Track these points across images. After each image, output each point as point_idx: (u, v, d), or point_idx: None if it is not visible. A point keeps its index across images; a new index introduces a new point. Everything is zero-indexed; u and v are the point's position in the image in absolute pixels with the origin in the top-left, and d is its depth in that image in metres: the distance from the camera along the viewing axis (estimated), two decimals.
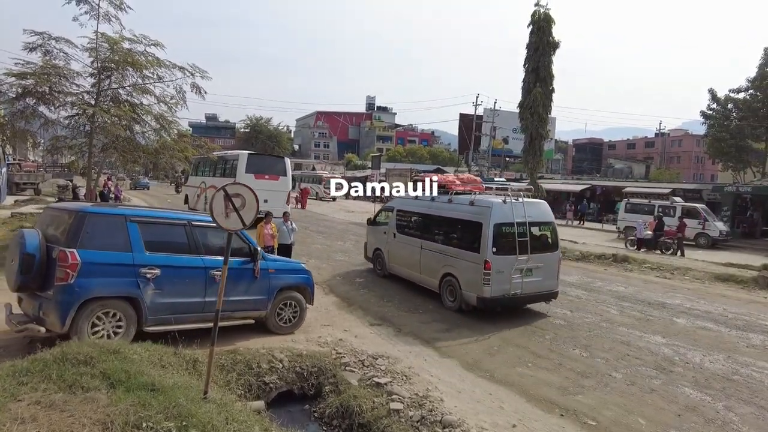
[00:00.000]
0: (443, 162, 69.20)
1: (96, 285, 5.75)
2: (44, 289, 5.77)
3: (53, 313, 5.55)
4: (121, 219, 6.13)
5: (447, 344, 7.73)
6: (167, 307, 6.26)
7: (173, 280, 6.29)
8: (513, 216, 8.80)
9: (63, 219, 6.06)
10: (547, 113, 20.33)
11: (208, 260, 6.60)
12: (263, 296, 7.20)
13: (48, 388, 3.98)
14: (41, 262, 5.66)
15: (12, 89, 10.65)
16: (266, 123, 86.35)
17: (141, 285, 6.01)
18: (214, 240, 6.76)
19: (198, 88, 11.23)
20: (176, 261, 6.38)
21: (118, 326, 5.95)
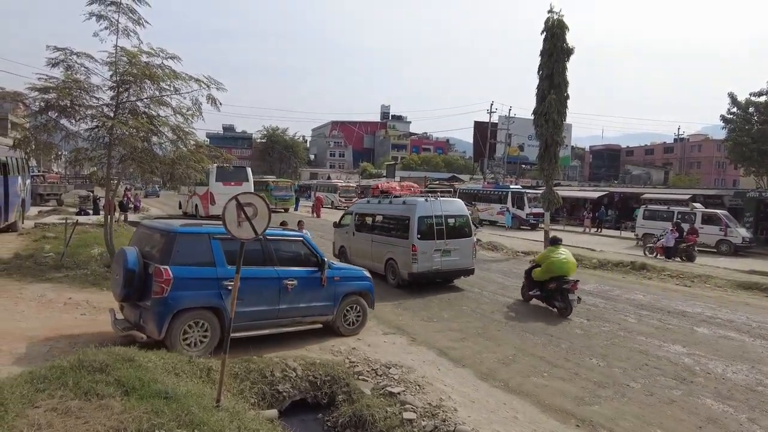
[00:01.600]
0: (458, 170, 69.04)
1: (186, 297, 6.38)
2: (143, 300, 6.46)
3: (151, 322, 6.25)
4: (206, 237, 6.76)
5: (461, 354, 7.66)
6: (246, 315, 6.79)
7: (251, 291, 6.81)
8: (432, 211, 11.49)
9: (155, 238, 6.78)
10: (562, 120, 20.08)
11: (281, 271, 7.26)
12: (330, 302, 7.81)
13: (64, 395, 4.05)
14: (140, 276, 6.38)
15: (35, 103, 10.96)
16: (282, 133, 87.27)
17: (224, 296, 6.54)
18: (286, 252, 7.55)
19: (213, 100, 11.40)
20: (254, 273, 6.92)
21: (204, 334, 6.57)
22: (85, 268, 11.19)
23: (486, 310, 10.25)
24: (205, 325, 6.56)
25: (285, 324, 7.40)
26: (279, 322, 7.27)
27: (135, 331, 6.47)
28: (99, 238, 14.60)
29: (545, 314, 10.11)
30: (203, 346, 6.53)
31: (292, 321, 7.48)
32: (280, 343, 7.38)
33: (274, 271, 7.21)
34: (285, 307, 7.24)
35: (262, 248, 7.17)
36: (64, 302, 8.89)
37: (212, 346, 6.54)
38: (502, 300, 11.26)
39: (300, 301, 7.40)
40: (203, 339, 6.57)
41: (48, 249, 13.22)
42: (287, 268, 7.35)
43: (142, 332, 6.36)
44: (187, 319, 6.42)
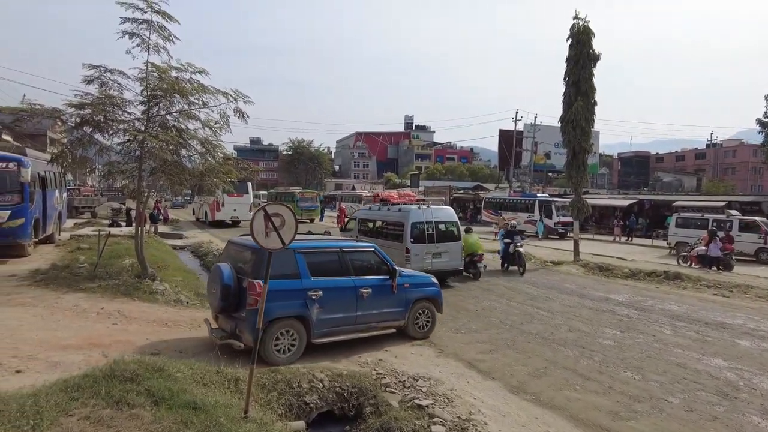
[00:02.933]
0: (483, 179, 68.50)
1: (277, 308, 6.87)
2: (237, 311, 6.95)
3: (247, 331, 6.71)
4: (291, 252, 7.15)
5: (491, 366, 7.49)
6: (328, 322, 7.37)
7: (332, 300, 7.39)
8: (424, 217, 12.81)
9: (246, 254, 7.32)
10: (590, 127, 19.72)
11: (357, 280, 7.77)
12: (401, 308, 8.27)
13: (97, 403, 4.10)
14: (234, 290, 6.89)
15: (72, 119, 11.33)
16: (308, 145, 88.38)
17: (309, 305, 7.15)
18: (360, 261, 8.05)
19: (241, 113, 11.57)
20: (333, 283, 7.50)
21: (293, 342, 7.07)
22: (117, 279, 11.44)
23: (515, 322, 10.04)
24: (294, 333, 7.08)
25: (361, 330, 7.87)
26: (356, 328, 7.78)
27: (232, 339, 6.93)
28: (130, 249, 14.93)
29: (577, 325, 9.85)
30: (292, 352, 7.05)
31: (367, 327, 7.95)
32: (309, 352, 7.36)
33: (351, 280, 7.72)
34: (361, 313, 7.76)
35: (339, 259, 7.78)
36: (97, 312, 9.08)
37: (300, 352, 7.09)
38: (531, 311, 11.03)
39: (374, 307, 7.89)
40: (292, 346, 7.07)
41: (82, 260, 13.59)
42: (362, 277, 7.86)
43: (239, 341, 6.84)
44: (279, 328, 6.93)
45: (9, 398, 4.06)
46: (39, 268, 12.45)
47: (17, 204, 13.42)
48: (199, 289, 13.17)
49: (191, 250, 22.21)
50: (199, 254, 20.85)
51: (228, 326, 7.19)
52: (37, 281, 11.04)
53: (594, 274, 16.80)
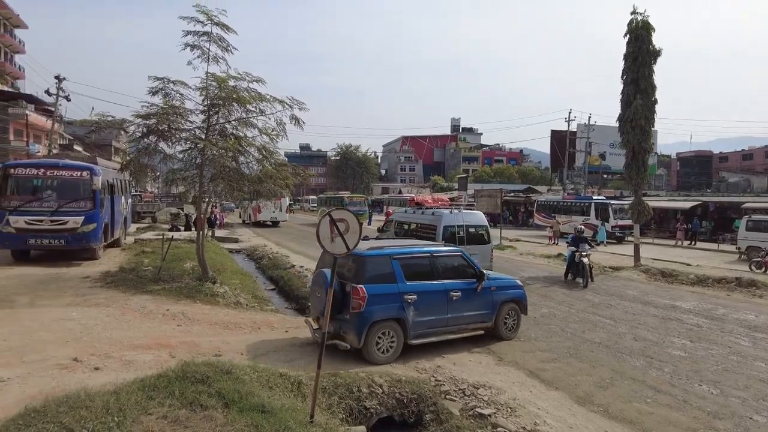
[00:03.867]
0: (534, 181, 66.83)
1: (378, 311, 7.25)
2: (341, 313, 7.34)
3: (352, 333, 7.17)
4: (388, 258, 7.67)
5: (553, 375, 7.25)
6: (423, 324, 7.69)
7: (425, 302, 7.69)
8: (455, 221, 13.24)
9: (346, 260, 7.51)
10: (650, 126, 18.82)
11: (447, 284, 8.04)
12: (489, 310, 8.52)
13: (172, 404, 4.25)
14: (338, 294, 7.22)
15: (139, 129, 11.95)
16: (355, 150, 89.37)
17: (405, 308, 7.48)
18: (450, 266, 8.33)
19: (296, 120, 11.83)
20: (426, 287, 7.79)
21: (391, 342, 7.40)
22: (180, 282, 11.92)
23: (576, 330, 9.69)
24: (392, 334, 7.41)
25: (453, 331, 8.16)
26: (448, 330, 8.08)
27: (337, 340, 7.29)
28: (190, 253, 15.54)
29: (643, 334, 9.39)
30: (391, 353, 7.38)
31: (458, 328, 8.23)
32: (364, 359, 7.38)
33: (442, 284, 8.00)
34: (451, 316, 8.03)
35: (429, 263, 8.10)
36: (163, 314, 9.48)
37: (398, 352, 7.44)
38: (593, 319, 10.61)
39: (463, 310, 8.16)
40: (391, 347, 7.40)
41: (146, 263, 14.26)
42: (451, 281, 8.12)
43: (344, 341, 7.25)
44: (379, 329, 7.28)
45: (94, 395, 4.29)
46: (109, 270, 13.16)
47: (89, 210, 14.25)
48: (257, 291, 13.55)
49: (246, 253, 22.88)
50: (254, 257, 21.44)
51: (332, 328, 7.49)
52: (107, 283, 11.66)
53: (657, 280, 15.99)
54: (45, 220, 13.80)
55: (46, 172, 14.39)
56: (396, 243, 8.85)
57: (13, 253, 14.36)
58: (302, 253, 21.02)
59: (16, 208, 13.77)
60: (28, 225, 13.66)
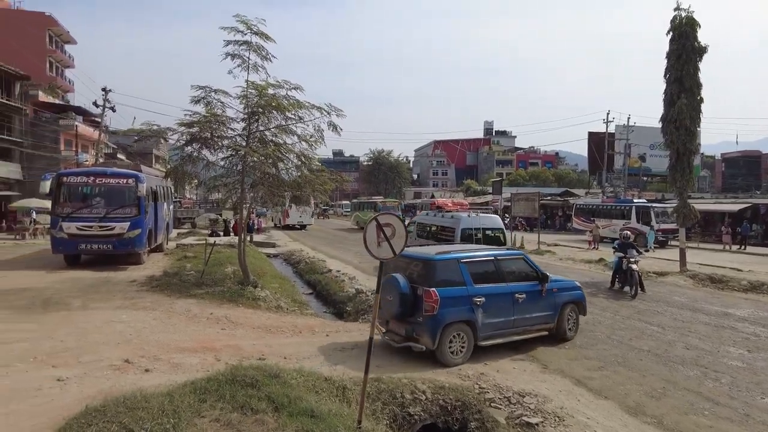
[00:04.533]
0: (571, 184, 65.39)
1: (450, 314, 7.40)
2: (413, 316, 7.51)
3: (426, 335, 7.33)
4: (456, 261, 7.85)
5: (601, 384, 7.01)
6: (491, 326, 7.86)
7: (493, 305, 7.86)
8: (472, 224, 14.02)
9: (416, 265, 7.90)
10: (696, 126, 18.10)
11: (512, 286, 8.22)
12: (551, 312, 8.67)
13: (224, 407, 4.32)
14: (410, 297, 7.48)
15: (182, 137, 12.31)
16: (387, 155, 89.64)
17: (474, 310, 7.64)
18: (513, 269, 8.50)
19: (334, 126, 11.96)
20: (493, 289, 7.96)
21: (462, 344, 7.56)
22: (222, 286, 12.17)
23: (623, 337, 9.37)
24: (463, 336, 7.55)
25: (518, 332, 8.27)
26: (514, 331, 8.21)
27: (411, 342, 7.48)
28: (231, 257, 15.89)
29: (694, 342, 9.00)
30: (462, 354, 7.54)
31: (523, 330, 8.35)
32: (407, 362, 7.34)
33: (507, 286, 8.16)
34: (517, 317, 8.17)
35: (494, 267, 8.27)
36: (207, 317, 9.70)
37: (469, 354, 7.59)
38: (639, 326, 10.24)
39: (528, 311, 8.29)
40: (462, 349, 7.55)
41: (189, 267, 14.63)
42: (516, 283, 8.28)
43: (417, 343, 7.41)
44: (451, 331, 7.43)
45: (150, 396, 4.41)
46: (153, 274, 13.58)
47: (135, 216, 14.77)
48: (296, 295, 13.72)
49: (284, 257, 23.22)
50: (291, 262, 21.73)
51: (402, 330, 7.73)
52: (153, 287, 12.02)
53: (705, 286, 15.32)
54: (94, 225, 14.38)
55: (95, 179, 15.00)
56: (460, 247, 9.08)
57: (66, 257, 15.00)
58: (338, 258, 21.16)
59: (69, 214, 14.40)
60: (79, 231, 14.26)
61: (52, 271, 13.95)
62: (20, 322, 8.69)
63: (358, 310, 11.88)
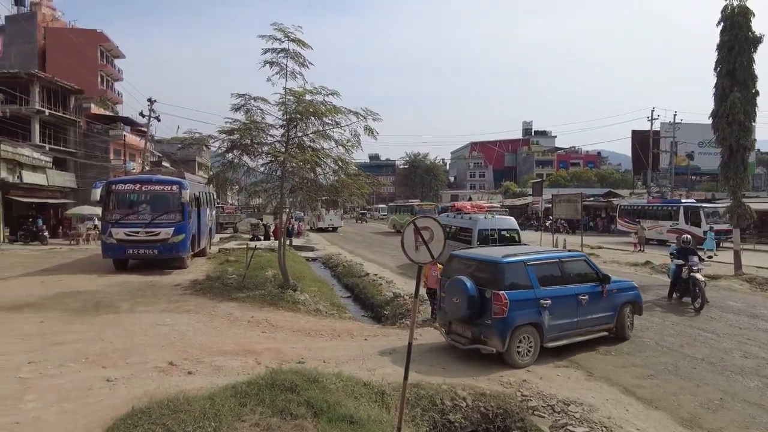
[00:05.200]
0: (613, 184, 63.21)
1: (519, 316, 7.46)
2: (479, 318, 7.57)
3: (495, 337, 7.40)
4: (523, 264, 7.93)
5: (652, 393, 6.69)
6: (556, 328, 7.91)
7: (558, 307, 7.89)
8: (489, 225, 15.16)
9: (482, 267, 7.99)
10: (750, 121, 17.12)
11: (576, 287, 8.29)
12: (611, 312, 8.76)
13: (264, 411, 4.35)
14: (478, 300, 7.54)
15: (223, 144, 12.62)
16: (423, 158, 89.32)
17: (541, 313, 7.68)
18: (576, 270, 8.57)
19: (370, 130, 11.98)
20: (558, 291, 8.02)
21: (530, 346, 7.63)
22: (263, 289, 12.37)
23: (673, 344, 8.93)
24: (530, 338, 7.61)
25: (581, 333, 8.33)
26: (577, 332, 8.27)
27: (479, 345, 7.55)
28: (271, 261, 16.16)
29: (754, 351, 8.48)
30: (530, 356, 7.61)
31: (585, 330, 8.40)
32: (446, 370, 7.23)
33: (571, 288, 8.22)
34: (580, 318, 8.23)
35: (560, 269, 8.34)
36: (248, 320, 9.86)
37: (536, 355, 7.65)
38: (691, 332, 9.74)
39: (590, 312, 8.37)
40: (529, 351, 7.62)
41: (231, 271, 14.96)
42: (578, 285, 8.36)
43: (486, 345, 7.49)
44: (520, 333, 7.49)
45: (192, 399, 4.50)
46: (197, 278, 13.94)
47: (179, 222, 15.22)
48: (334, 299, 13.79)
49: (322, 261, 23.45)
50: (329, 265, 21.91)
51: (468, 332, 7.79)
52: (196, 290, 12.34)
53: (764, 290, 14.43)
54: (141, 231, 14.91)
55: (141, 187, 15.57)
56: (525, 249, 9.22)
57: (115, 262, 15.61)
58: (375, 261, 21.18)
59: (117, 221, 14.99)
60: (126, 236, 14.82)
61: (103, 275, 14.55)
62: (74, 323, 9.08)
63: (396, 314, 11.84)
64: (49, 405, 5.29)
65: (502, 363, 7.63)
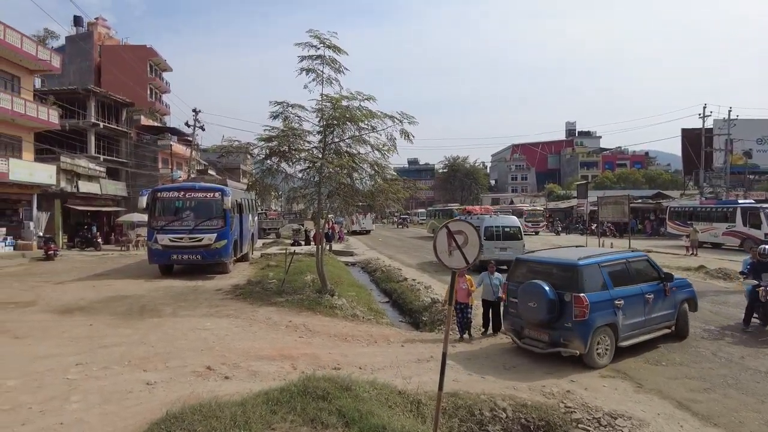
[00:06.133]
0: (663, 185, 60.47)
1: (598, 318, 7.57)
2: (557, 322, 7.66)
3: (577, 340, 7.47)
4: (597, 266, 8.01)
5: (709, 409, 6.22)
6: (629, 327, 8.05)
7: (630, 306, 8.04)
8: (493, 223, 18.43)
9: (558, 270, 8.05)
10: None
11: (643, 287, 8.41)
12: (672, 310, 8.94)
13: (294, 419, 4.28)
14: (557, 304, 7.63)
15: (262, 151, 12.82)
16: (463, 161, 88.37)
17: (616, 313, 7.80)
18: (641, 270, 8.71)
19: (406, 134, 11.87)
20: (629, 291, 8.14)
21: (606, 347, 7.75)
22: (301, 294, 12.45)
23: (733, 355, 8.31)
24: (607, 339, 7.73)
25: (647, 332, 8.46)
26: (645, 330, 8.41)
27: (560, 348, 7.63)
28: (311, 266, 16.27)
29: None
30: (607, 356, 7.73)
31: (650, 329, 8.54)
32: (485, 379, 6.99)
33: (639, 287, 8.35)
34: (647, 317, 8.39)
35: (626, 269, 8.47)
36: (286, 325, 9.91)
37: (612, 355, 7.77)
38: (751, 342, 9.06)
39: (655, 311, 8.52)
40: (606, 350, 7.74)
41: (271, 276, 15.15)
42: (644, 284, 8.48)
43: (567, 348, 7.56)
44: (598, 334, 7.59)
45: (224, 405, 4.50)
46: (238, 283, 14.20)
47: (221, 228, 15.58)
48: (372, 304, 13.71)
49: (361, 266, 23.47)
50: (368, 270, 21.90)
51: (544, 336, 7.88)
52: (237, 295, 12.55)
53: None
54: (185, 237, 15.34)
55: (185, 194, 16.04)
56: (595, 251, 9.31)
57: (160, 267, 16.12)
58: (414, 266, 21.00)
59: (162, 227, 15.49)
60: (171, 242, 15.28)
61: (149, 279, 15.05)
62: (120, 327, 9.39)
63: (434, 320, 11.63)
64: (91, 406, 5.43)
65: (543, 372, 7.33)
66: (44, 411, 5.29)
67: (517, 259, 9.04)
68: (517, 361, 8.01)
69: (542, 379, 7.09)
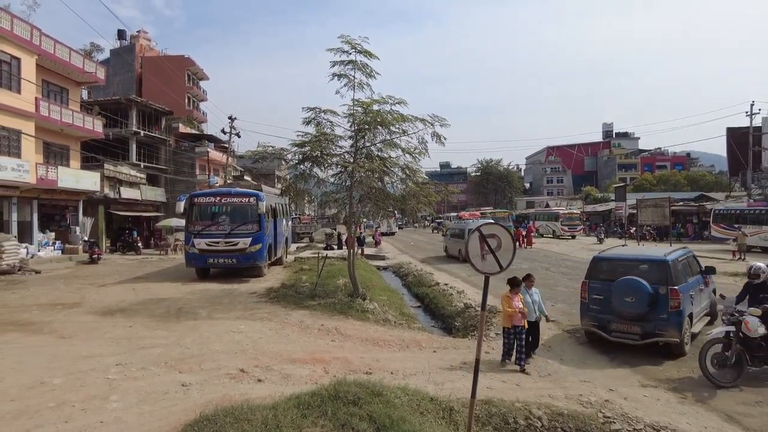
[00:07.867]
0: (706, 187, 58.02)
1: (687, 307, 8.37)
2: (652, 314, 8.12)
3: (673, 329, 8.08)
4: (677, 261, 8.75)
5: (762, 424, 5.87)
6: (696, 315, 9.01)
7: (695, 296, 8.98)
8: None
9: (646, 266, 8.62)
10: None
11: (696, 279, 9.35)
12: (709, 299, 10.05)
13: (325, 424, 4.26)
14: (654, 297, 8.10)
15: (295, 156, 12.98)
16: (496, 164, 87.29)
17: (692, 303, 8.69)
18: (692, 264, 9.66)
19: (438, 137, 11.79)
20: (693, 283, 9.07)
21: (688, 335, 8.48)
22: (333, 297, 12.51)
23: None
24: (688, 327, 8.53)
25: (699, 321, 9.35)
26: (700, 319, 9.41)
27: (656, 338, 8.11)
28: (343, 270, 16.34)
29: None
30: (689, 343, 8.44)
31: (701, 318, 9.57)
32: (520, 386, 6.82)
33: (695, 280, 9.31)
34: (700, 307, 9.41)
35: (689, 264, 9.42)
36: (318, 328, 9.95)
37: (690, 343, 8.49)
38: None
39: (702, 300, 9.55)
40: (688, 338, 8.45)
41: (304, 279, 15.29)
42: (695, 277, 9.40)
43: (662, 338, 8.10)
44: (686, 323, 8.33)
45: (255, 408, 4.52)
46: (272, 286, 14.38)
47: (256, 232, 15.84)
48: (404, 308, 13.64)
49: (393, 270, 23.43)
50: (400, 274, 21.84)
51: (636, 329, 8.30)
52: (271, 298, 12.70)
53: None
54: (220, 241, 15.66)
55: (220, 199, 16.40)
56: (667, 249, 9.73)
57: (197, 270, 16.51)
58: (446, 271, 20.80)
59: (199, 231, 15.87)
60: (208, 246, 15.63)
61: (186, 283, 15.42)
62: (157, 329, 9.63)
63: (467, 326, 11.46)
64: (129, 406, 5.57)
65: (579, 381, 7.09)
66: (86, 409, 5.46)
67: (595, 258, 9.43)
68: (551, 368, 7.79)
69: (579, 386, 6.87)
